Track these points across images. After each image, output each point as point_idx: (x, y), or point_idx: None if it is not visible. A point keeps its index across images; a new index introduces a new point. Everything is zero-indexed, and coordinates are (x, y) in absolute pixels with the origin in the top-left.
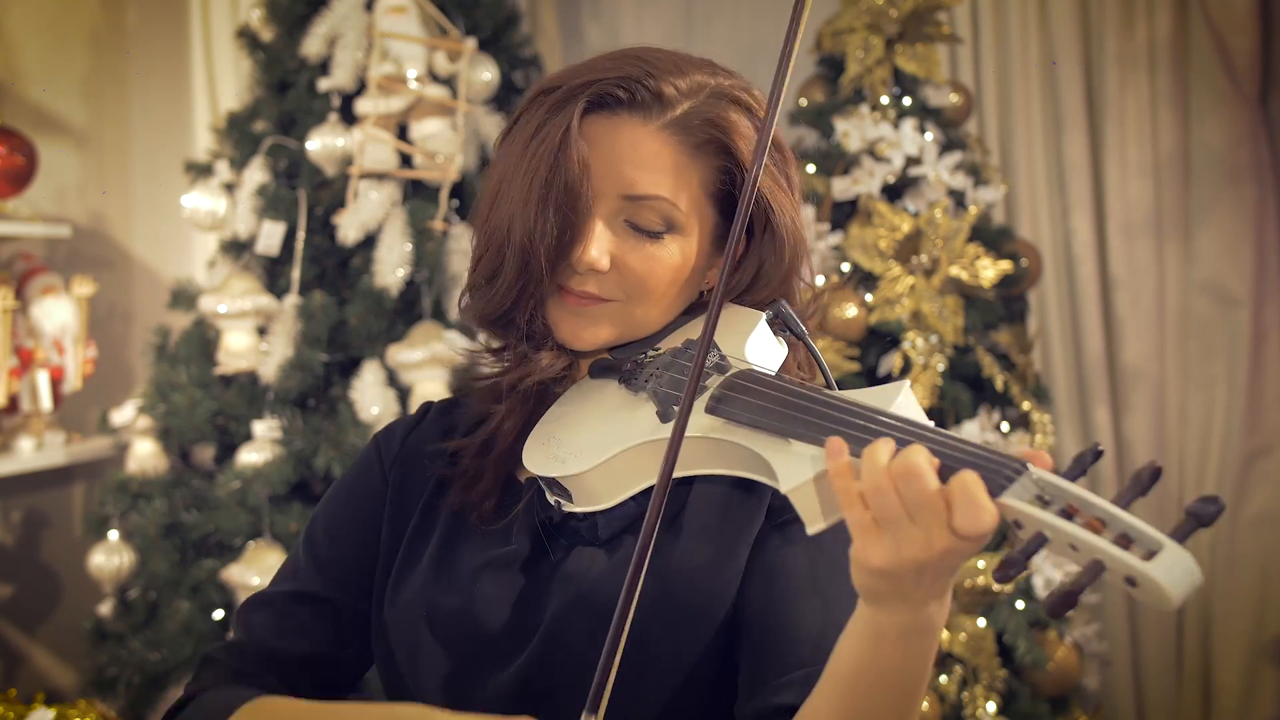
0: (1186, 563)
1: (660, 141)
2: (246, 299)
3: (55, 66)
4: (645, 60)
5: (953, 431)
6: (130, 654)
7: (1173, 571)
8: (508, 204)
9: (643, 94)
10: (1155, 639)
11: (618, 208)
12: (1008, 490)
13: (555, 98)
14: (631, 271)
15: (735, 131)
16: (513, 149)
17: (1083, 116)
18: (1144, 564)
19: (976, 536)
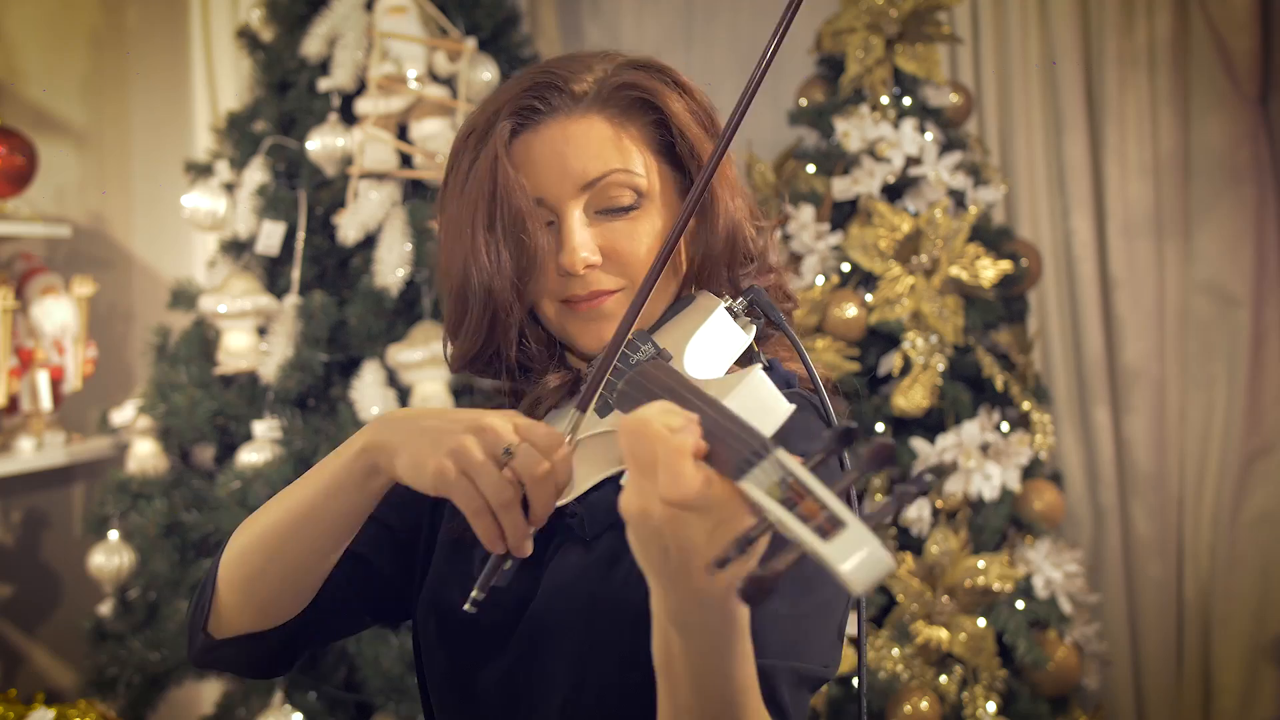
0: (866, 546)
1: (588, 123)
2: (246, 299)
3: (55, 66)
4: (549, 70)
5: (962, 431)
6: (130, 654)
7: (848, 555)
8: (459, 247)
9: (556, 97)
10: (1155, 639)
11: (583, 200)
12: (747, 474)
13: (476, 135)
14: (623, 253)
15: (649, 87)
16: (452, 195)
17: (1083, 116)
18: (822, 545)
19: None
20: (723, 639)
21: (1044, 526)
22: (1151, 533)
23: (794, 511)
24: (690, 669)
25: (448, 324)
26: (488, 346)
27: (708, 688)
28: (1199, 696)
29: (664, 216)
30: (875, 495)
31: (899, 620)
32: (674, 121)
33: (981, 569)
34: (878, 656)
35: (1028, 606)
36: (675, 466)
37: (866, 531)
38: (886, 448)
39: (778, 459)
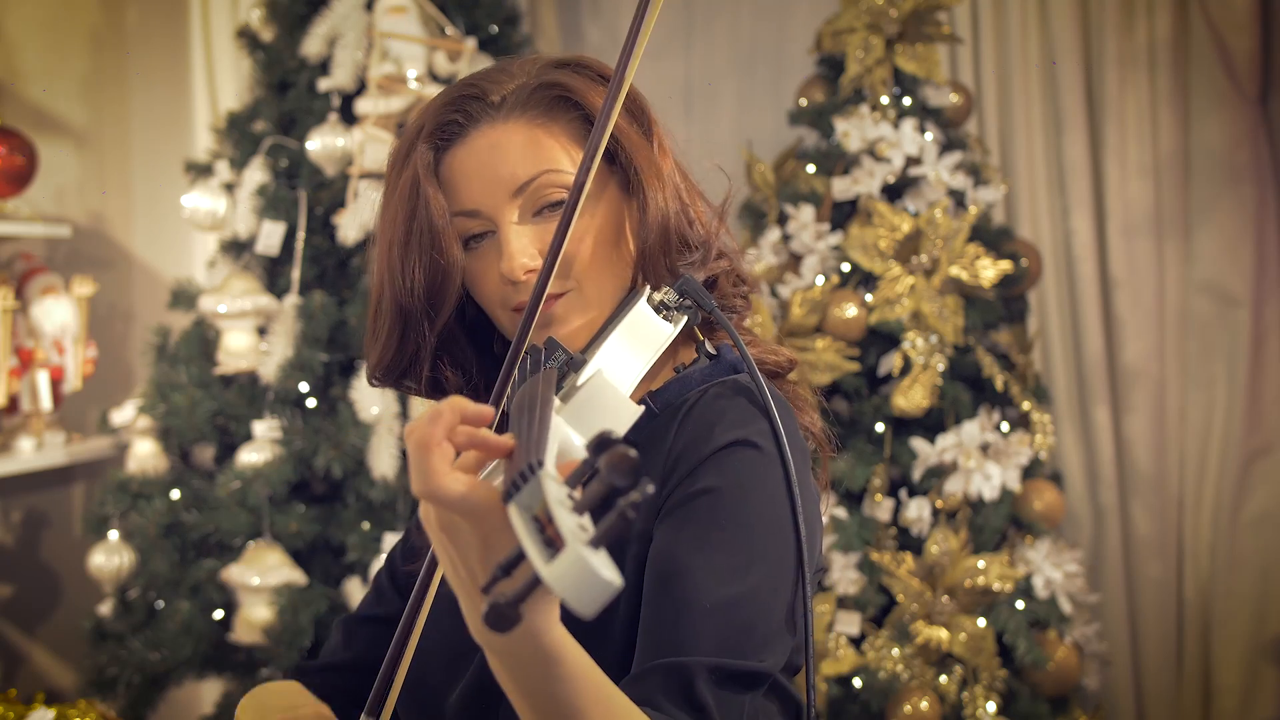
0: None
1: (511, 128)
2: (246, 299)
3: (55, 66)
4: (470, 83)
5: (962, 431)
6: (130, 654)
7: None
8: (380, 263)
9: (476, 107)
10: (1155, 639)
11: (518, 206)
12: (514, 498)
13: (400, 154)
14: (566, 255)
15: (569, 84)
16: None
17: (1083, 116)
18: (546, 568)
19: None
20: (530, 659)
21: (1044, 526)
22: (1151, 533)
23: (540, 535)
24: (513, 687)
25: (366, 337)
26: (398, 361)
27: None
28: (1199, 696)
29: (604, 212)
30: (876, 496)
31: (899, 620)
32: (591, 115)
33: (981, 569)
34: (878, 656)
35: (1028, 606)
36: (420, 463)
37: (583, 552)
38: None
39: (540, 480)
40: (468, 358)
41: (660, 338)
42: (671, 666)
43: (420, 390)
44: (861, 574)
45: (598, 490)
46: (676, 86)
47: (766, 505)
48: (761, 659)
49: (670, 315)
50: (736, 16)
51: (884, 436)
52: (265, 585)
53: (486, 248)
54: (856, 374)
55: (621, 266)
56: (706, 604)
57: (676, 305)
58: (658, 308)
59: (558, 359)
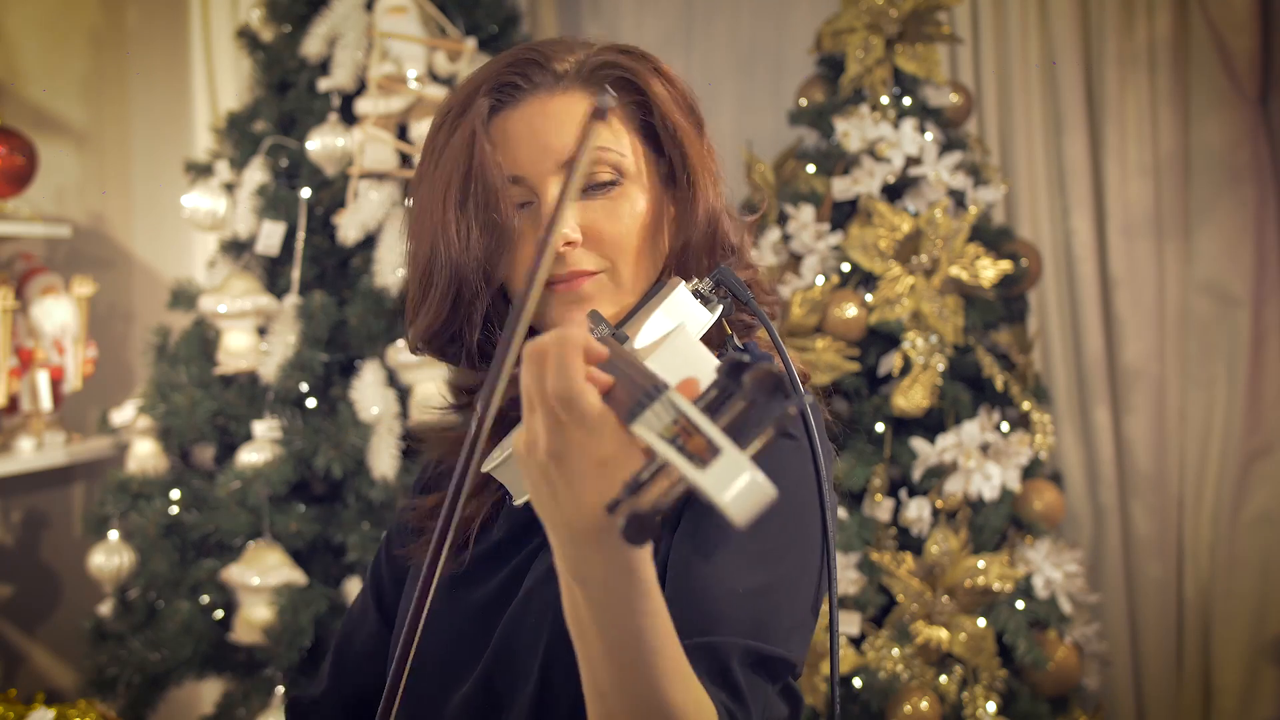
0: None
1: (569, 99)
2: (246, 299)
3: (55, 66)
4: (533, 49)
5: (962, 431)
6: (130, 654)
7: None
8: (428, 223)
9: (538, 74)
10: (1155, 639)
11: (561, 177)
12: (640, 417)
13: (455, 110)
14: (603, 233)
15: (632, 68)
16: (426, 172)
17: (1083, 116)
18: (699, 474)
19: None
20: (623, 593)
21: (1044, 526)
22: (1151, 533)
23: (682, 449)
24: (595, 624)
25: (410, 303)
26: (448, 326)
27: (616, 646)
28: (1199, 696)
29: (646, 198)
30: (876, 496)
31: (899, 620)
32: (656, 103)
33: (981, 569)
34: (878, 656)
35: (1028, 606)
36: (566, 361)
37: (743, 458)
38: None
39: (670, 399)
40: None
41: (699, 323)
42: (707, 645)
43: (463, 360)
44: (861, 574)
45: (741, 407)
46: None
47: (798, 495)
48: (789, 648)
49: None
50: (736, 16)
51: (884, 436)
52: (265, 585)
53: (524, 218)
54: (856, 374)
55: (656, 257)
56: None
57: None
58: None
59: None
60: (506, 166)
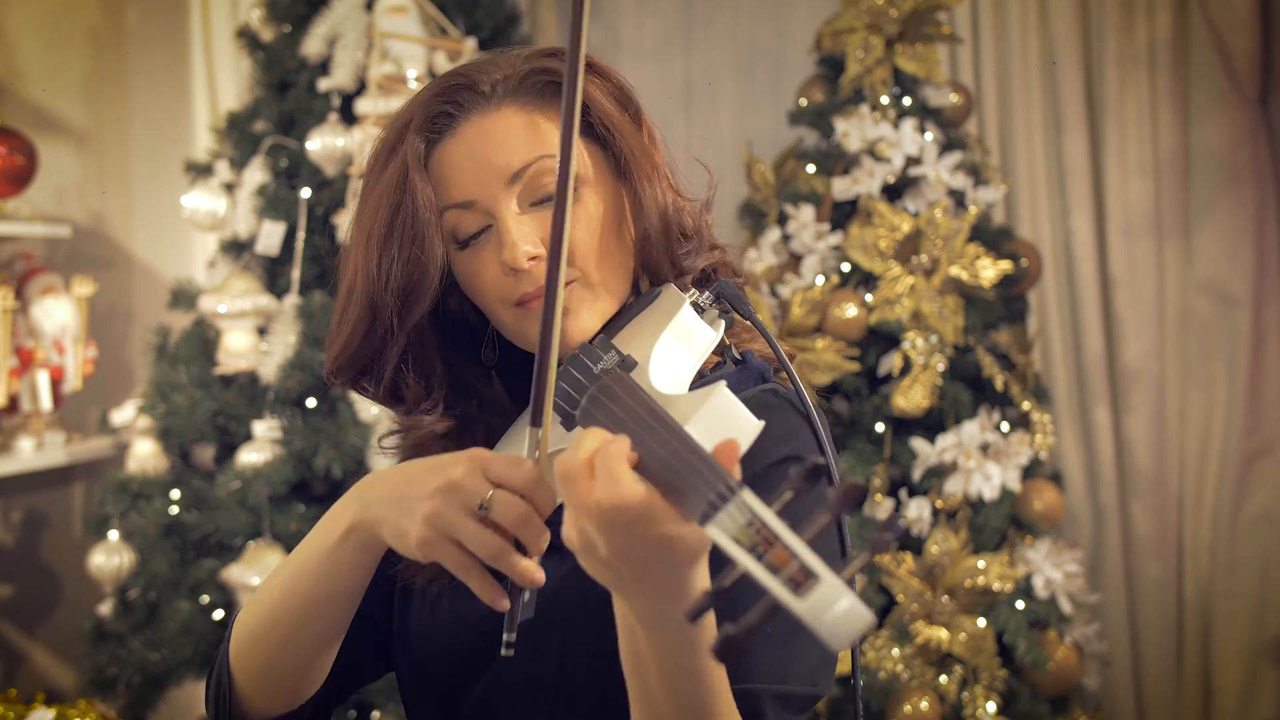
0: (844, 600)
1: (502, 115)
2: (246, 299)
3: (55, 66)
4: (459, 73)
5: (962, 431)
6: (130, 654)
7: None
8: (355, 254)
9: (467, 97)
10: (1155, 639)
11: (514, 194)
12: (714, 518)
13: (388, 144)
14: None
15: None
16: (360, 210)
17: (1083, 116)
18: (797, 601)
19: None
20: (688, 637)
21: (1044, 526)
22: (1151, 533)
23: (763, 560)
24: (659, 668)
25: (329, 333)
26: (359, 358)
27: (679, 687)
28: (1199, 696)
29: (602, 199)
30: (876, 496)
31: (899, 620)
32: (588, 101)
33: (981, 569)
34: (878, 656)
35: (1028, 606)
36: (613, 469)
37: (841, 585)
38: (857, 488)
39: (744, 501)
40: (434, 366)
41: (705, 342)
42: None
43: (377, 394)
44: (861, 574)
45: (825, 521)
46: (676, 86)
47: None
48: (816, 683)
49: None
50: (736, 16)
51: (884, 436)
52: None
53: (484, 243)
54: (856, 374)
55: (625, 254)
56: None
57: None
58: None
59: (610, 359)
60: (455, 194)
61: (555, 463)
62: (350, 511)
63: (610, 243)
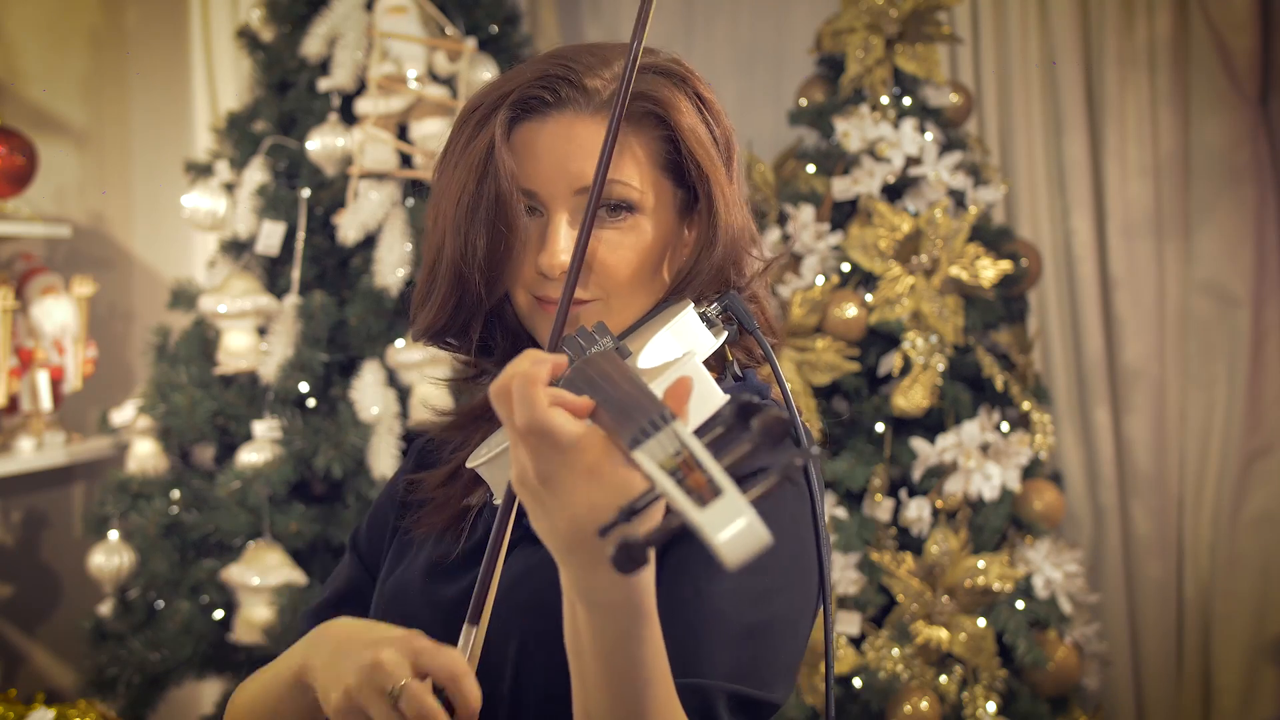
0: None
1: (596, 126)
2: (246, 299)
3: (55, 66)
4: (565, 58)
5: (962, 432)
6: (130, 654)
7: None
8: (442, 222)
9: (567, 91)
10: (1155, 639)
11: (574, 204)
12: (642, 445)
13: (479, 114)
14: (602, 265)
15: (667, 102)
16: (445, 170)
17: (1083, 116)
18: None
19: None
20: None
21: (1044, 526)
22: (1151, 533)
23: (681, 483)
24: (594, 646)
25: (416, 294)
26: (451, 325)
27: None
28: (1199, 696)
29: (655, 232)
30: (875, 496)
31: (899, 620)
32: (684, 140)
33: (981, 569)
34: (878, 656)
35: (1028, 606)
36: (527, 395)
37: (743, 501)
38: (780, 421)
39: (674, 430)
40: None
41: (703, 345)
42: (693, 687)
43: (467, 351)
44: (861, 574)
45: (746, 450)
46: None
47: (793, 535)
48: (774, 690)
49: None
50: (736, 16)
51: (884, 436)
52: (265, 585)
53: (532, 226)
54: (856, 374)
55: (654, 289)
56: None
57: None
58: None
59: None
60: (521, 179)
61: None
62: (300, 655)
63: (642, 276)
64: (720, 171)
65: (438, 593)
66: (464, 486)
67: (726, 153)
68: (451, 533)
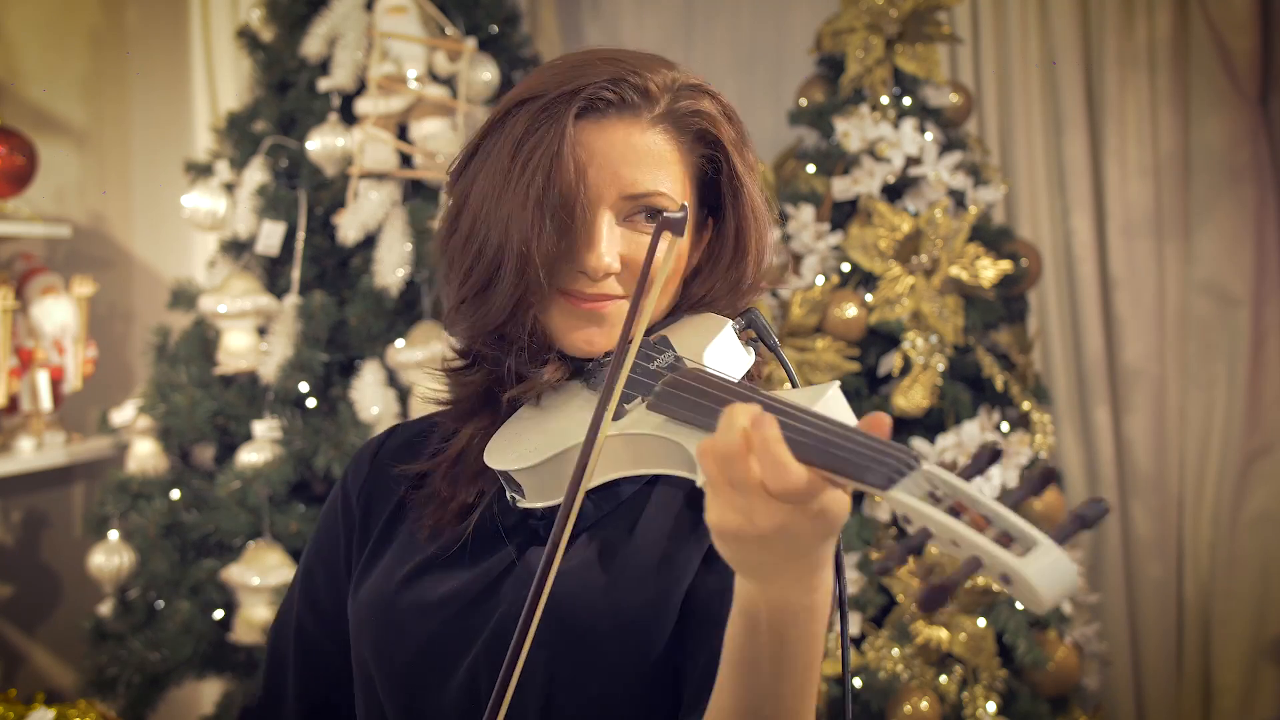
0: (1061, 563)
1: (654, 137)
2: (246, 299)
3: (55, 66)
4: (620, 60)
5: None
6: (130, 654)
7: (1045, 571)
8: (503, 212)
9: (630, 93)
10: (1155, 639)
11: (619, 208)
12: (898, 484)
13: (541, 104)
14: (635, 265)
15: (716, 121)
16: (499, 158)
17: (1083, 116)
18: (1017, 560)
19: (781, 493)
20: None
21: (1044, 526)
22: (1151, 533)
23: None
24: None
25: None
26: (510, 321)
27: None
28: (1199, 696)
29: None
30: (876, 496)
31: (899, 620)
32: (728, 162)
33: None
34: (878, 656)
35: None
36: (776, 456)
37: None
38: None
39: (931, 471)
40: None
41: (742, 365)
42: None
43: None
44: (861, 574)
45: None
46: None
47: None
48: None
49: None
50: (736, 16)
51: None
52: (265, 585)
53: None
54: (856, 374)
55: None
56: None
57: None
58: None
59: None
60: None
61: (705, 445)
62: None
63: (672, 284)
64: (755, 192)
65: (423, 595)
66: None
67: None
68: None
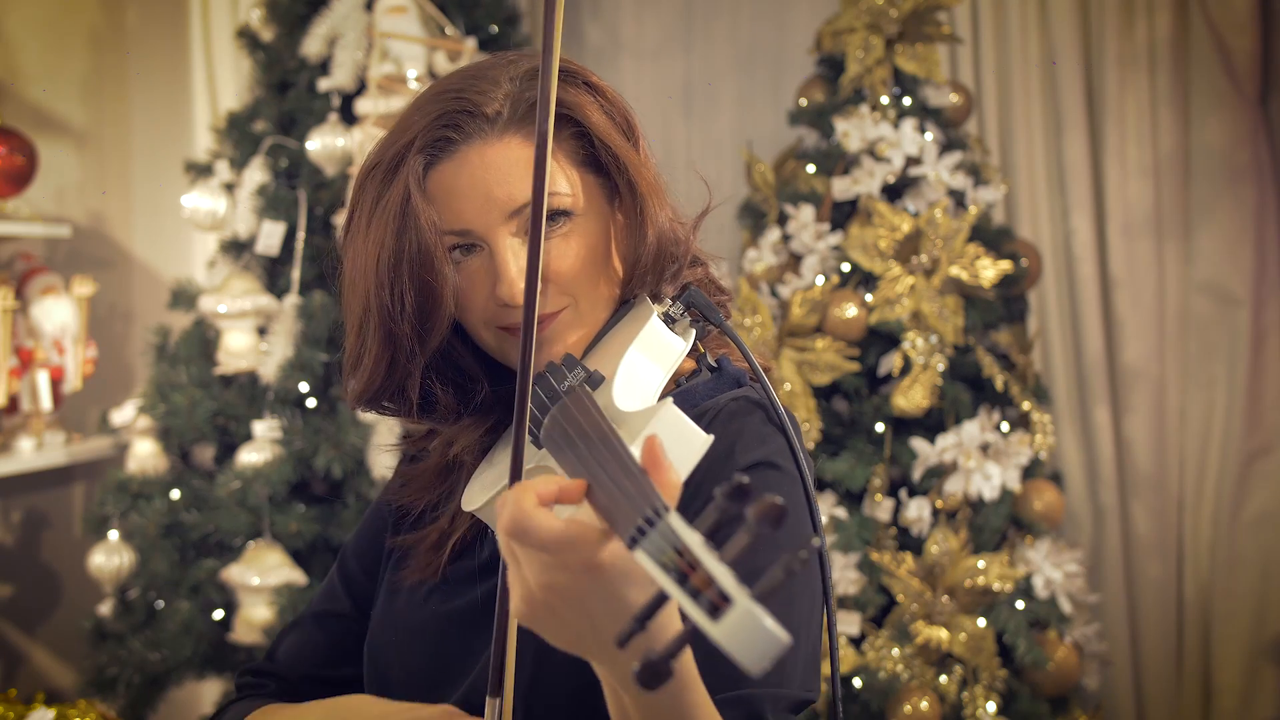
0: (755, 624)
1: (507, 146)
2: (246, 299)
3: (55, 66)
4: (459, 95)
5: (962, 432)
6: (130, 654)
7: (737, 634)
8: (363, 283)
9: (469, 122)
10: (1155, 639)
11: (513, 226)
12: (640, 543)
13: (381, 170)
14: (561, 273)
15: (574, 103)
16: (357, 231)
17: (1083, 116)
18: (712, 625)
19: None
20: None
21: (1044, 526)
22: (1151, 533)
23: (685, 586)
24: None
25: (346, 360)
26: (386, 386)
27: None
28: (1199, 696)
29: (597, 228)
30: (876, 496)
31: (899, 620)
32: (595, 133)
33: (981, 569)
34: (878, 656)
35: (1028, 606)
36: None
37: (756, 609)
38: (776, 507)
39: (670, 525)
40: (469, 370)
41: (675, 352)
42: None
43: (408, 413)
44: (861, 574)
45: (745, 541)
46: (676, 86)
47: (795, 530)
48: (810, 688)
49: (676, 328)
50: (736, 16)
51: (884, 436)
52: (265, 585)
53: (473, 263)
54: (856, 374)
55: (613, 278)
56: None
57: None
58: (664, 320)
59: (576, 376)
60: (450, 221)
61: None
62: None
63: (600, 271)
64: (632, 154)
65: (439, 611)
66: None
67: (631, 132)
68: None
